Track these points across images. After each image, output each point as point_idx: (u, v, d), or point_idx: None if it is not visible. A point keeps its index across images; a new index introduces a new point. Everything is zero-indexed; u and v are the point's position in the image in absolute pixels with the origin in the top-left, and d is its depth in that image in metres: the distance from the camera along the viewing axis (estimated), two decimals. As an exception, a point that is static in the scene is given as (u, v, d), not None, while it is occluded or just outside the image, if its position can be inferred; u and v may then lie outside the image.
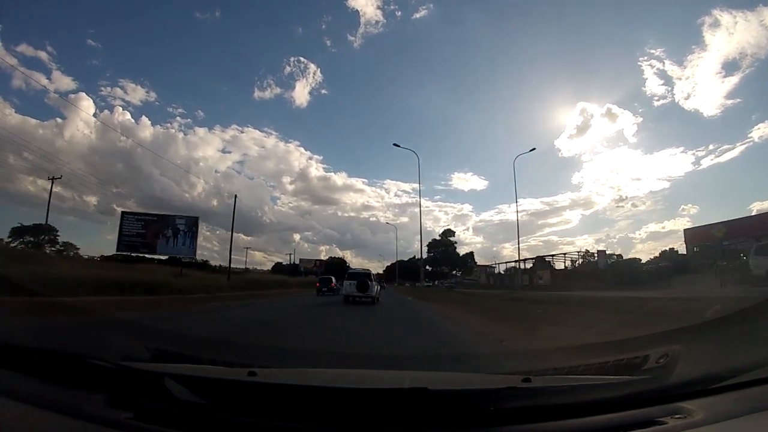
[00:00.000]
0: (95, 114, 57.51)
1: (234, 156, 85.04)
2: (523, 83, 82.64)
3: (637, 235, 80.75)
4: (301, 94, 77.28)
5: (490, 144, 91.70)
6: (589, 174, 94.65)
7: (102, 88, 69.49)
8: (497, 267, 62.75)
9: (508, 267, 60.22)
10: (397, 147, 30.64)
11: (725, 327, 5.00)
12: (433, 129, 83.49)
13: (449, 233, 69.13)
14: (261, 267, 68.73)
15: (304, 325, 9.41)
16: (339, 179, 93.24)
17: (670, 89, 62.36)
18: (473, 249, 73.27)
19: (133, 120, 62.98)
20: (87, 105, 54.34)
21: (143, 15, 65.40)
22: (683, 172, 68.48)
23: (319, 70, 76.03)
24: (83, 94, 61.46)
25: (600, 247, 52.89)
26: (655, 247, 75.89)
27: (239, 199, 62.16)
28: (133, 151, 60.24)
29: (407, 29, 74.58)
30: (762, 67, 49.83)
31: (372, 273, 20.55)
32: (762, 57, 48.64)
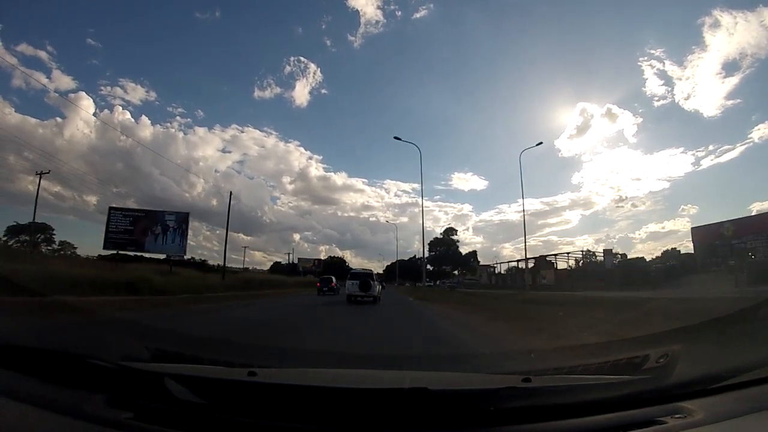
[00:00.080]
0: (95, 113, 57.64)
1: (234, 156, 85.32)
2: (523, 83, 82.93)
3: (637, 235, 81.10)
4: (301, 93, 77.49)
5: (490, 144, 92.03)
6: (589, 174, 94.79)
7: (102, 87, 69.95)
8: (498, 267, 62.74)
9: (510, 267, 60.44)
10: (398, 140, 29.51)
11: (725, 327, 5.00)
12: (433, 129, 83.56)
13: (451, 231, 67.04)
14: (261, 267, 68.99)
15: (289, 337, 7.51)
16: (339, 179, 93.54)
17: (670, 89, 62.78)
18: (473, 249, 71.45)
19: (133, 119, 63.18)
20: (87, 104, 54.48)
21: (143, 15, 65.64)
22: (683, 172, 68.78)
23: (319, 69, 76.29)
24: (83, 93, 61.63)
25: (600, 247, 52.46)
26: (655, 247, 76.18)
27: (239, 199, 62.38)
28: (133, 151, 60.32)
29: (407, 29, 74.81)
30: (762, 68, 50.04)
31: (374, 273, 20.97)
32: (762, 57, 48.82)
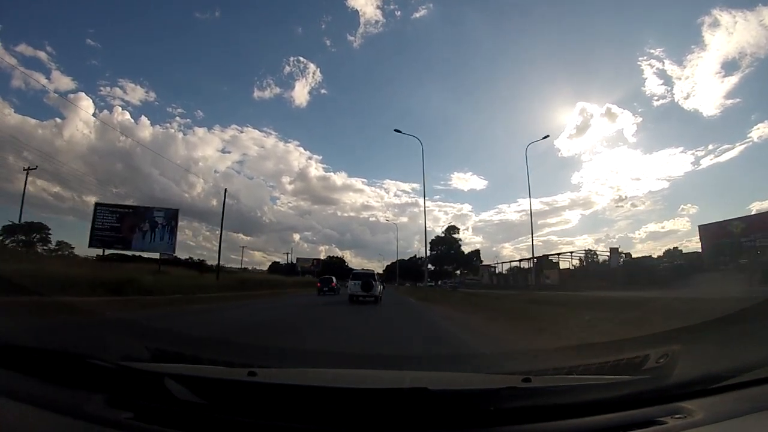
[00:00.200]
0: (95, 114, 57.46)
1: (233, 156, 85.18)
2: (523, 83, 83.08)
3: (637, 235, 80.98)
4: (301, 93, 77.33)
5: (489, 143, 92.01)
6: (589, 174, 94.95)
7: (101, 87, 69.95)
8: (499, 266, 62.56)
9: (512, 266, 60.31)
10: (399, 133, 29.16)
11: (725, 327, 4.99)
12: (433, 128, 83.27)
13: (453, 230, 64.19)
14: (260, 267, 68.85)
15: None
16: (338, 179, 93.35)
17: (669, 89, 62.65)
18: (475, 249, 68.87)
19: (133, 120, 62.91)
20: (86, 105, 54.25)
21: (143, 15, 65.57)
22: (683, 172, 68.64)
23: (319, 69, 76.04)
24: (83, 93, 61.56)
25: (600, 247, 52.09)
26: (655, 247, 76.18)
27: (239, 200, 62.69)
28: (133, 151, 60.10)
29: (407, 29, 74.65)
30: (761, 67, 49.98)
31: (375, 273, 21.43)
32: (761, 57, 48.80)
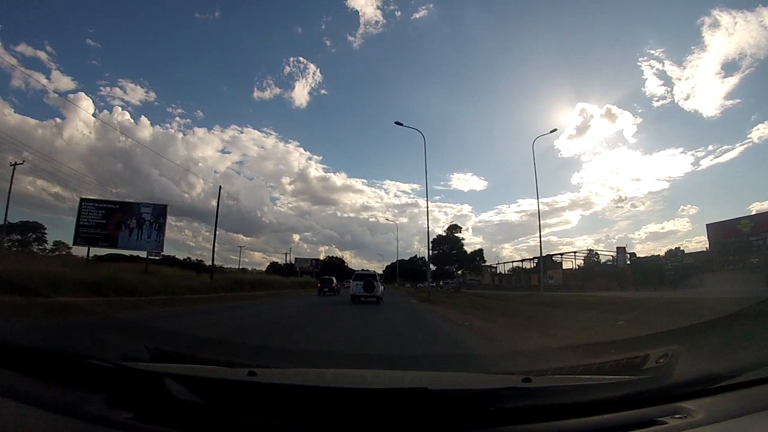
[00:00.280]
0: (95, 114, 57.49)
1: (233, 156, 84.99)
2: (523, 84, 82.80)
3: (637, 236, 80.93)
4: (301, 94, 77.63)
5: (489, 144, 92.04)
6: (589, 174, 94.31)
7: (101, 88, 69.54)
8: (499, 267, 62.28)
9: (514, 266, 60.04)
10: (400, 126, 27.90)
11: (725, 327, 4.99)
12: (433, 129, 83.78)
13: (455, 229, 61.04)
14: (260, 267, 68.70)
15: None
16: (338, 179, 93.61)
17: (669, 90, 62.88)
18: (478, 248, 65.58)
19: (133, 120, 63.06)
20: (86, 105, 54.29)
21: (143, 15, 65.56)
22: (683, 172, 68.58)
23: (319, 70, 76.49)
24: (82, 93, 61.55)
25: (600, 248, 51.63)
26: (655, 248, 76.11)
27: (239, 200, 62.36)
28: (133, 152, 60.22)
29: (407, 29, 74.95)
30: (761, 68, 50.00)
31: (376, 274, 22.35)
32: (761, 57, 48.81)
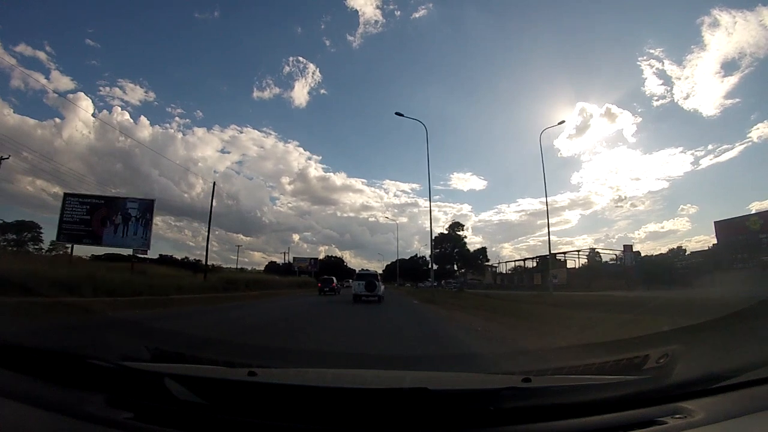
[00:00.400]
0: (94, 114, 57.33)
1: (233, 156, 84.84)
2: (523, 83, 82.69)
3: (636, 235, 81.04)
4: (300, 94, 77.41)
5: (489, 144, 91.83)
6: (589, 174, 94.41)
7: (101, 88, 69.56)
8: (500, 266, 62.27)
9: (516, 265, 59.93)
10: (401, 116, 26.72)
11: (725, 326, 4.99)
12: (433, 129, 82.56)
13: (457, 227, 57.21)
14: (259, 267, 68.41)
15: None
16: (338, 179, 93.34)
17: (669, 89, 62.82)
18: (482, 246, 62.23)
19: (132, 120, 62.81)
20: (86, 105, 54.03)
21: (142, 15, 65.52)
22: (682, 172, 68.46)
23: (318, 69, 76.18)
24: (82, 94, 61.33)
25: (599, 247, 51.34)
26: (655, 247, 76.11)
27: (238, 200, 62.43)
28: (132, 152, 60.02)
29: (406, 29, 74.80)
30: (761, 67, 49.97)
31: (378, 274, 22.92)
32: (761, 57, 48.78)
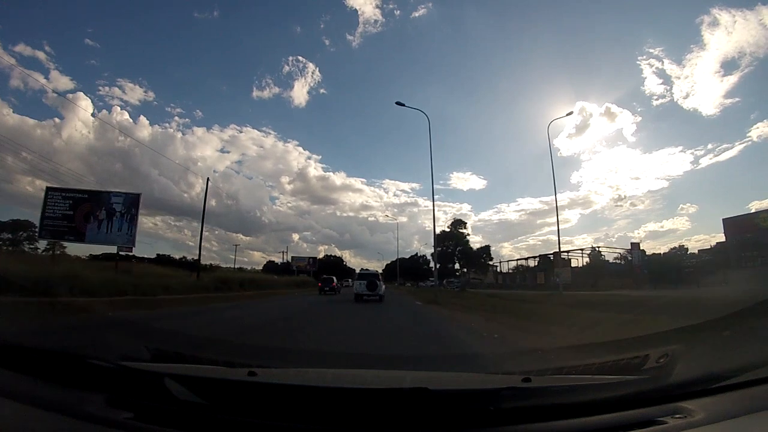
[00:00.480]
0: (93, 114, 57.19)
1: (233, 156, 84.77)
2: (522, 83, 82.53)
3: (636, 235, 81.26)
4: (300, 93, 77.16)
5: (489, 143, 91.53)
6: (588, 173, 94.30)
7: (100, 87, 69.30)
8: (501, 265, 62.05)
9: (519, 264, 59.39)
10: (402, 106, 25.65)
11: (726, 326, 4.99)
12: (432, 128, 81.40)
13: (460, 224, 55.15)
14: (259, 267, 68.23)
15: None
16: (338, 179, 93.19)
17: (669, 88, 62.71)
18: (485, 244, 60.00)
19: (132, 120, 62.48)
20: (85, 105, 53.72)
21: (142, 15, 65.39)
22: (682, 171, 68.17)
23: (318, 69, 75.82)
24: (81, 93, 60.98)
25: (601, 246, 50.37)
26: (654, 246, 75.95)
27: (238, 200, 62.45)
28: (132, 152, 59.77)
29: (406, 28, 74.53)
30: (761, 67, 49.68)
31: (379, 274, 23.27)
32: (761, 56, 48.51)
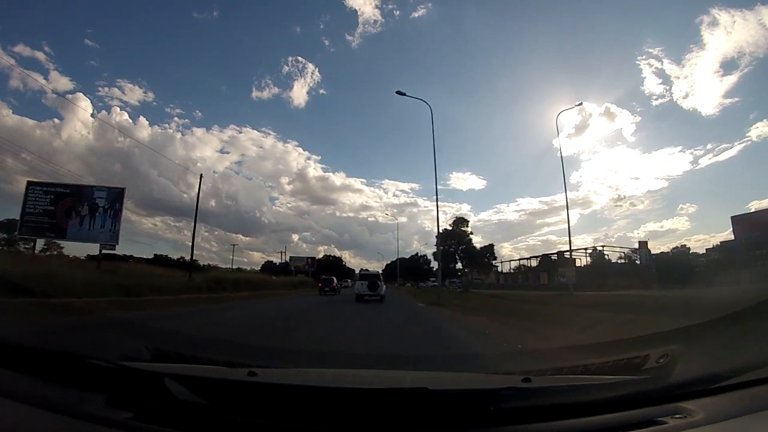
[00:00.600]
0: (93, 114, 57.12)
1: (232, 156, 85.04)
2: (522, 83, 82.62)
3: (636, 235, 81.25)
4: (300, 94, 77.20)
5: (488, 144, 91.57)
6: (588, 173, 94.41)
7: (100, 88, 69.05)
8: (501, 265, 62.04)
9: (520, 264, 59.58)
10: (402, 95, 24.43)
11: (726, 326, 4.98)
12: (431, 128, 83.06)
13: (462, 222, 53.11)
14: (258, 267, 68.07)
15: None
16: (337, 179, 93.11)
17: (668, 88, 62.71)
18: (484, 245, 58.08)
19: (131, 120, 62.34)
20: (85, 105, 53.60)
21: (141, 15, 65.44)
22: (681, 171, 68.43)
23: (317, 69, 75.86)
24: (81, 94, 61.05)
25: (604, 246, 50.02)
26: (653, 246, 75.53)
27: (238, 200, 62.46)
28: (131, 152, 59.65)
29: (405, 29, 74.50)
30: (760, 66, 49.60)
31: (380, 274, 23.64)
32: (760, 56, 48.42)
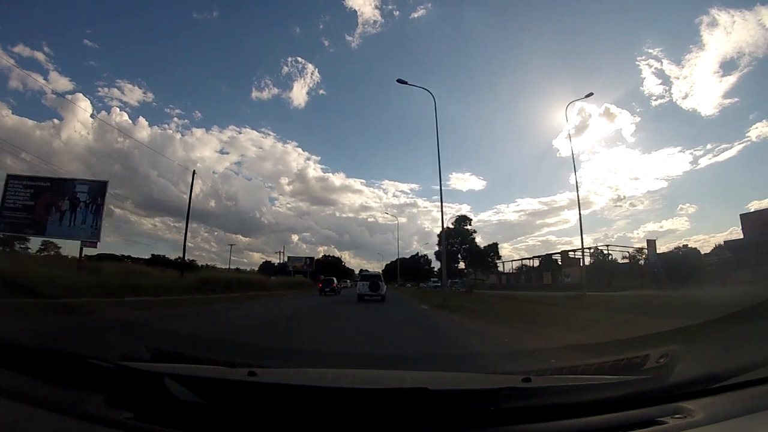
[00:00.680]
0: (92, 115, 56.98)
1: (232, 157, 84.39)
2: (522, 83, 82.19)
3: (635, 235, 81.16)
4: (299, 94, 77.04)
5: (488, 144, 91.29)
6: (588, 174, 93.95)
7: (99, 88, 68.54)
8: (503, 266, 61.94)
9: (522, 264, 59.22)
10: (404, 84, 22.60)
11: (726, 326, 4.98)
12: (431, 129, 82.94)
13: (464, 220, 51.19)
14: (256, 267, 67.92)
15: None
16: (337, 180, 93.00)
17: (668, 89, 62.59)
18: (493, 242, 55.50)
19: (131, 121, 62.05)
20: (84, 106, 53.20)
21: (141, 15, 65.25)
22: (681, 171, 68.14)
23: (317, 70, 75.63)
24: (80, 94, 60.92)
25: (608, 245, 49.46)
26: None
27: (237, 201, 62.33)
28: (131, 152, 59.38)
29: (405, 29, 74.38)
30: (760, 67, 49.50)
31: (381, 275, 23.63)
32: (760, 56, 48.34)
